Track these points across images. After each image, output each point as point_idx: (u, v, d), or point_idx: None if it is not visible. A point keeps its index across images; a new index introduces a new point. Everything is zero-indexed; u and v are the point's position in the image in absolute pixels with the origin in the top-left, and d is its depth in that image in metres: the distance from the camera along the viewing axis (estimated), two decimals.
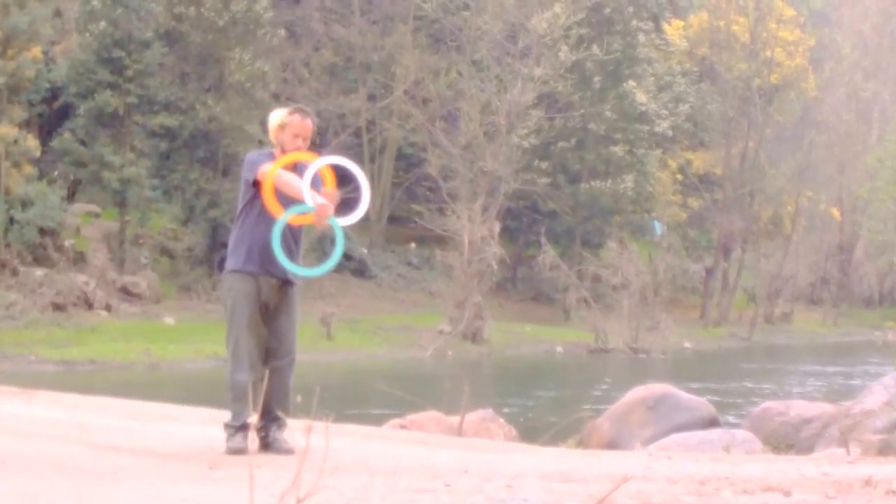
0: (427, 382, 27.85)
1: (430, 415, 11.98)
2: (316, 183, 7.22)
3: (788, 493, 5.78)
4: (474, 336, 40.03)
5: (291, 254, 7.33)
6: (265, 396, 7.23)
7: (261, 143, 31.51)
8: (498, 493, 5.61)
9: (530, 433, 13.41)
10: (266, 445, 7.31)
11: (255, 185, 7.33)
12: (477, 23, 45.48)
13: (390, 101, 47.27)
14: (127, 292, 37.28)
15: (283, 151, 7.44)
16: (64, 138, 38.22)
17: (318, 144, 29.65)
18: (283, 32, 43.80)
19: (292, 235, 7.39)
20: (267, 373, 7.26)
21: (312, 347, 33.24)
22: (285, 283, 7.37)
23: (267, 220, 7.28)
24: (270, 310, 7.36)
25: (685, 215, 54.92)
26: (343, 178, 7.41)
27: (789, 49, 55.82)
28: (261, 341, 7.37)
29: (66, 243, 37.10)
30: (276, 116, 7.53)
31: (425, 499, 5.43)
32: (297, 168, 7.31)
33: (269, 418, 7.30)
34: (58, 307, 34.58)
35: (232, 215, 7.60)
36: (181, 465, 6.61)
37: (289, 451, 7.15)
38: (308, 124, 7.44)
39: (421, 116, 46.17)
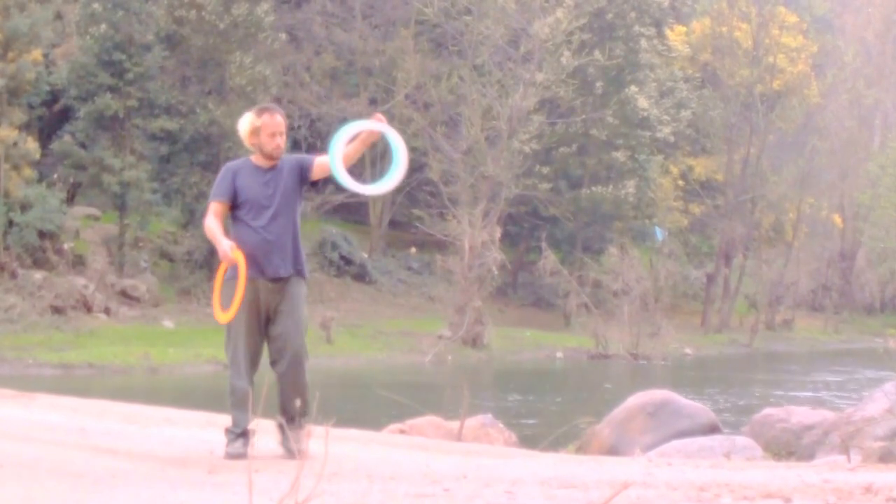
0: (427, 387, 27.84)
1: (430, 420, 11.94)
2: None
3: (789, 500, 5.76)
4: (474, 341, 39.99)
5: (285, 251, 7.31)
6: (280, 399, 7.22)
7: None
8: (497, 499, 5.58)
9: (530, 439, 13.38)
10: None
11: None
12: (479, 28, 45.46)
13: (391, 106, 47.23)
14: (126, 296, 37.25)
15: (263, 154, 7.38)
16: (64, 141, 38.20)
17: (319, 148, 29.48)
18: (284, 36, 43.76)
19: (291, 235, 7.37)
20: (277, 377, 7.24)
21: (312, 352, 32.57)
22: (282, 282, 7.31)
23: (252, 224, 7.27)
24: (273, 313, 7.32)
25: (686, 221, 54.89)
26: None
27: (792, 55, 55.81)
28: (259, 348, 7.35)
29: (66, 246, 37.06)
30: (246, 122, 7.39)
31: None
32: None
33: (286, 418, 7.24)
34: (57, 310, 34.54)
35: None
36: (180, 470, 6.58)
37: (291, 453, 7.09)
38: (279, 120, 7.36)
39: (422, 121, 46.14)
